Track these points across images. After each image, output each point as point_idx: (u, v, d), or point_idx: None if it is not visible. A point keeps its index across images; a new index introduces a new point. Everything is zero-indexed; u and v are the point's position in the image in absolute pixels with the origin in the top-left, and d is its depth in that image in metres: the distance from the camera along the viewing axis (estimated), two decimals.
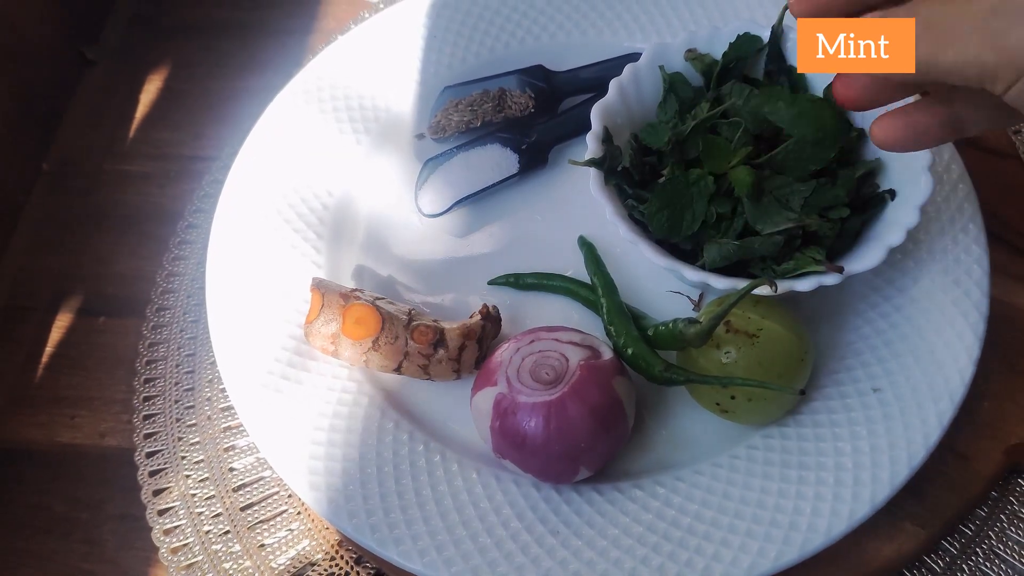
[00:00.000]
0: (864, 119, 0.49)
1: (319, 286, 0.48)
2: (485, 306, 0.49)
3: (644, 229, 0.47)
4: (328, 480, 0.44)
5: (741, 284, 0.44)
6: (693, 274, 0.45)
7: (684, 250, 0.48)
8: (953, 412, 0.44)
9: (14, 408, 0.54)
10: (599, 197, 0.47)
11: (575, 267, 0.52)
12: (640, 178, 0.49)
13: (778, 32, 0.50)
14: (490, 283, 0.52)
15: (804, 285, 0.43)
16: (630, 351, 0.45)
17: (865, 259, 0.44)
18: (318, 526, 0.48)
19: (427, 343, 0.46)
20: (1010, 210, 0.53)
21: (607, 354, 0.44)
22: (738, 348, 0.42)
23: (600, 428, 0.41)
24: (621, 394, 0.42)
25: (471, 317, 0.49)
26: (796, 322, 0.44)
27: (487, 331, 0.48)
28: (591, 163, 0.48)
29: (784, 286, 0.43)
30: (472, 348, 0.47)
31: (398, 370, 0.47)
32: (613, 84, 0.50)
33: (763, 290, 0.43)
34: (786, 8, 0.51)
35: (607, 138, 0.49)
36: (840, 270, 0.43)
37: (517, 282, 0.52)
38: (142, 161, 0.63)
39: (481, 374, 0.44)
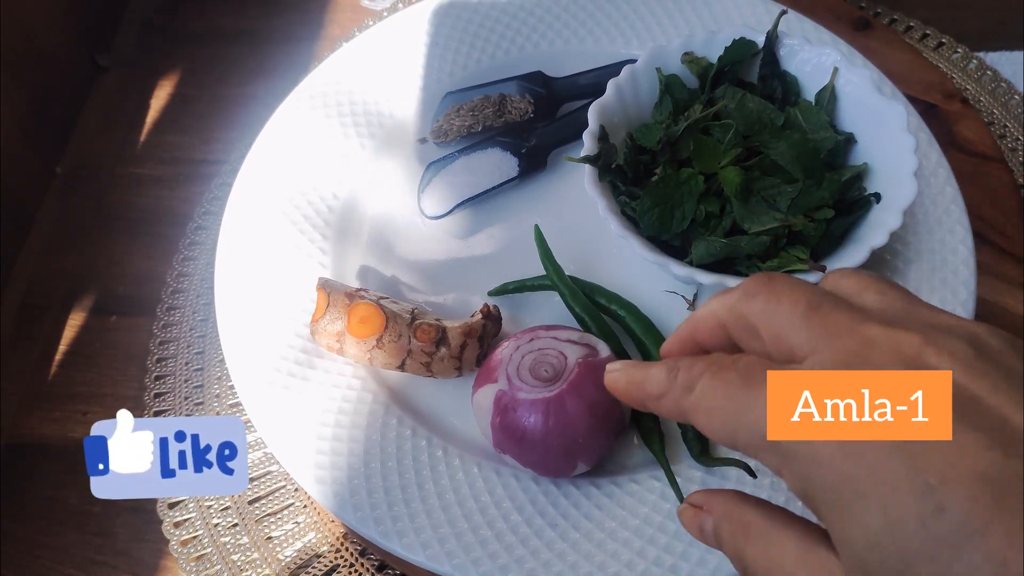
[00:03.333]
0: (853, 124, 0.50)
1: (325, 286, 0.48)
2: (486, 305, 0.49)
3: (636, 225, 0.48)
4: (333, 474, 0.45)
5: (728, 280, 0.44)
6: (680, 269, 0.45)
7: (674, 247, 0.48)
8: None
9: (29, 404, 0.54)
10: (592, 193, 0.47)
11: (572, 267, 0.52)
12: (634, 176, 0.49)
13: (773, 38, 0.51)
14: (490, 294, 0.52)
15: None
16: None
17: (848, 259, 0.44)
18: (324, 519, 0.48)
19: (430, 341, 0.47)
20: (996, 212, 0.54)
21: (604, 351, 0.44)
22: None
23: (597, 424, 0.42)
24: None
25: (472, 316, 0.49)
26: None
27: (488, 330, 0.48)
28: (585, 160, 0.48)
29: None
30: (473, 346, 0.48)
31: (401, 367, 0.48)
32: (611, 84, 0.51)
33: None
34: (781, 15, 0.52)
35: (603, 136, 0.49)
36: (823, 269, 0.44)
37: (517, 288, 0.52)
38: (153, 165, 0.64)
39: (482, 372, 0.45)
